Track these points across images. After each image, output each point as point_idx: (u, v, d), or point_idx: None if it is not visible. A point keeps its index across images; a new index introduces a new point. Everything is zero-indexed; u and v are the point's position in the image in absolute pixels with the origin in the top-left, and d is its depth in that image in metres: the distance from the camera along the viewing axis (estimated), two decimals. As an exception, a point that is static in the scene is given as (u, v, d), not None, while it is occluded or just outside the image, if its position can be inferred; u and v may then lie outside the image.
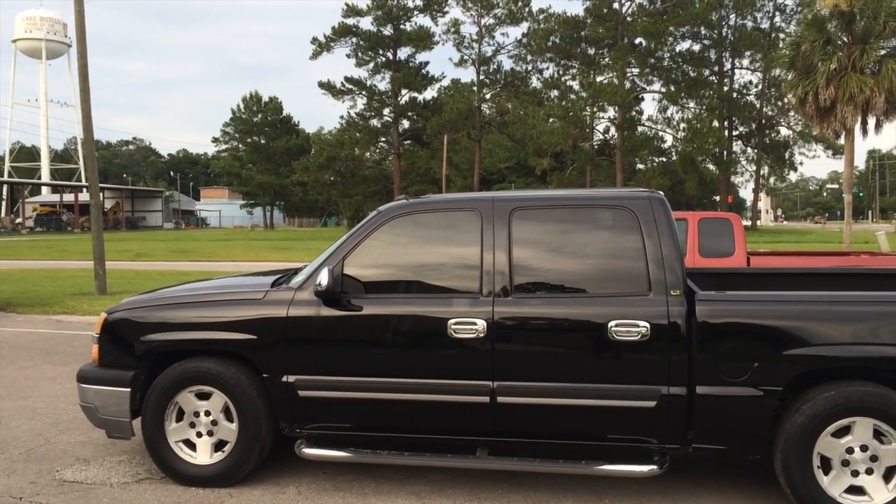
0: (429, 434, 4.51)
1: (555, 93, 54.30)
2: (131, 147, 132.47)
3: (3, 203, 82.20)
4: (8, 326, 11.54)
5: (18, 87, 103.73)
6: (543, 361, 4.28)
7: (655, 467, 4.17)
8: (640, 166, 54.15)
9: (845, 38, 21.34)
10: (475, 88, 58.77)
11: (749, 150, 58.51)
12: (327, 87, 59.47)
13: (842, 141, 23.01)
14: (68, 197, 76.11)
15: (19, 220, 70.99)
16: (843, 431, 3.97)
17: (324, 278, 4.34)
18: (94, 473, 4.91)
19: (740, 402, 4.04)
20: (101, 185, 20.84)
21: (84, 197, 65.07)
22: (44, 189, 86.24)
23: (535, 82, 57.76)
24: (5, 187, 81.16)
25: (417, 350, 4.44)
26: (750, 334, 4.09)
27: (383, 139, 62.82)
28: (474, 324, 4.26)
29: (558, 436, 4.34)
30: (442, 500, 4.43)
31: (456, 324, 4.28)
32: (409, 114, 61.78)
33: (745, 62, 56.54)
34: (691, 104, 52.11)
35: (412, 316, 4.45)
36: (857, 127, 21.49)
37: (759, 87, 56.00)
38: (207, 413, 4.67)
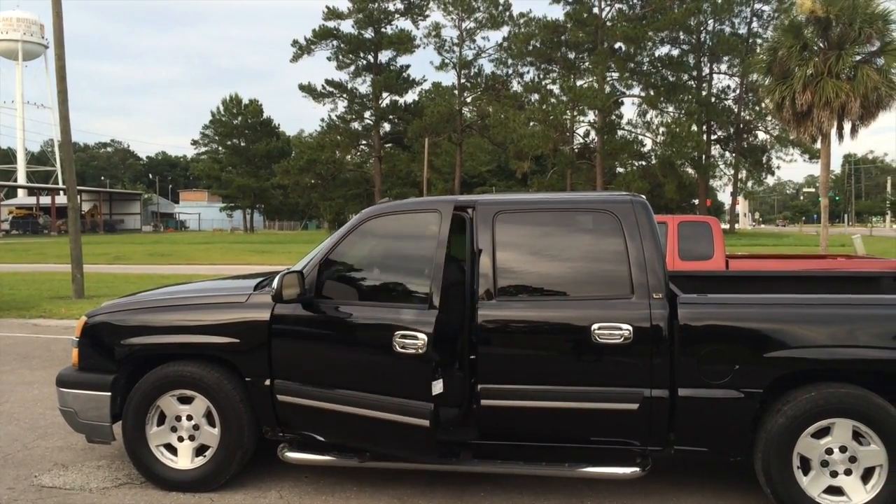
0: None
1: (535, 97, 54.56)
2: (109, 149, 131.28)
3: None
4: (-17, 331, 11.38)
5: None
6: (527, 364, 4.29)
7: (638, 469, 4.19)
8: (620, 170, 54.53)
9: (821, 44, 21.58)
10: (456, 92, 58.85)
11: (727, 154, 59.13)
12: (308, 89, 59.24)
13: (818, 145, 23.27)
14: (45, 200, 75.13)
15: (-6, 222, 70.01)
16: (823, 432, 4.02)
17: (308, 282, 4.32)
18: (73, 478, 4.85)
19: (721, 404, 4.07)
20: (78, 187, 20.60)
21: (61, 199, 64.23)
22: (20, 191, 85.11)
23: (515, 86, 57.98)
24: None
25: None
26: (731, 337, 4.12)
27: (364, 142, 62.69)
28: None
29: (541, 438, 4.35)
30: (425, 503, 4.43)
31: (440, 327, 4.27)
32: (390, 117, 61.67)
33: (723, 67, 57.27)
34: (670, 108, 52.59)
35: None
36: (833, 131, 21.71)
37: (737, 91, 56.64)
38: (189, 417, 4.64)
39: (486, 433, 4.37)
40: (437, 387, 4.11)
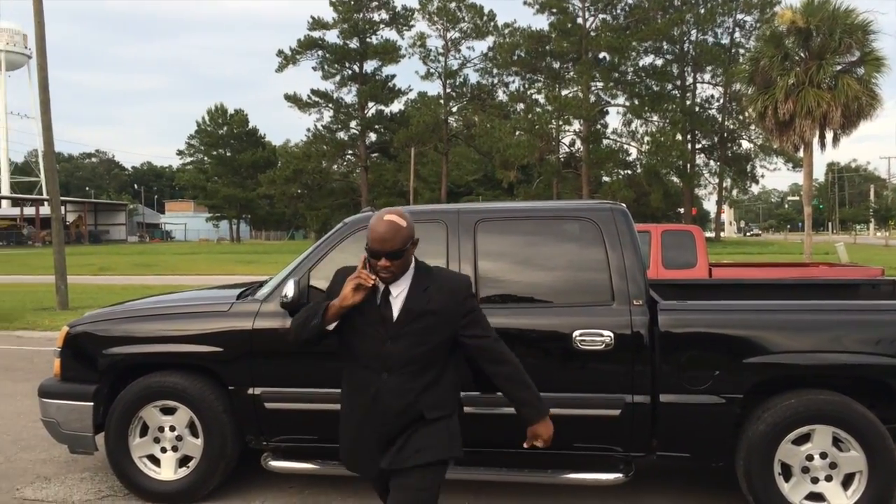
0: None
1: (521, 106, 54.93)
2: (94, 160, 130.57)
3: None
4: (-35, 343, 11.28)
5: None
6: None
7: (621, 475, 4.21)
8: (606, 179, 54.87)
9: (802, 54, 21.82)
10: (442, 101, 59.10)
11: (712, 162, 59.57)
12: (294, 99, 59.34)
13: (801, 154, 23.50)
14: (29, 210, 74.55)
15: (-23, 234, 69.42)
16: (803, 439, 4.05)
17: (290, 290, 4.31)
18: (56, 491, 4.82)
19: (702, 410, 4.10)
20: (62, 198, 20.49)
21: (45, 210, 63.71)
22: (3, 202, 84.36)
23: (501, 96, 58.42)
24: (-37, 201, 79.41)
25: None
26: (710, 343, 4.16)
27: (350, 152, 62.79)
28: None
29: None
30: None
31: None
32: (376, 126, 61.89)
33: (707, 77, 57.82)
34: (655, 118, 52.99)
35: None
36: (815, 140, 21.92)
37: (721, 101, 57.16)
38: (172, 428, 4.62)
39: (470, 440, 4.36)
40: None
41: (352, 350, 2.86)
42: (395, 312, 2.78)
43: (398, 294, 2.80)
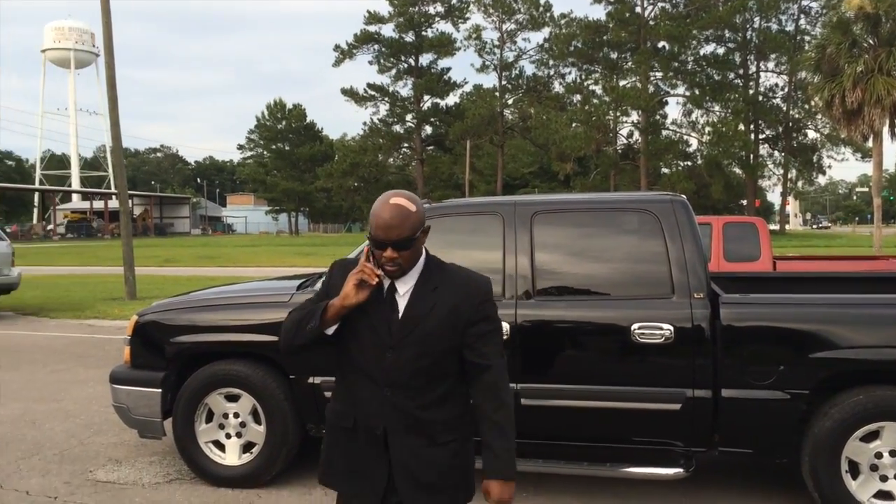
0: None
1: (577, 97, 54.38)
2: (159, 155, 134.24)
3: (35, 210, 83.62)
4: (41, 331, 11.75)
5: (48, 97, 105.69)
6: (567, 364, 4.30)
7: (681, 470, 4.15)
8: (665, 170, 53.92)
9: (871, 41, 21.14)
10: (497, 94, 58.92)
11: (776, 153, 57.99)
12: (350, 93, 59.90)
13: (870, 143, 22.76)
14: (98, 204, 77.18)
15: (51, 226, 72.19)
16: (872, 436, 3.93)
17: None
18: (126, 474, 5.00)
19: (766, 406, 4.02)
20: (129, 192, 21.12)
21: (113, 204, 65.96)
22: (74, 196, 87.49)
23: (557, 87, 57.94)
24: (37, 195, 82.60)
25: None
26: (774, 337, 4.07)
27: (406, 145, 63.13)
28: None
29: (582, 438, 4.35)
30: (467, 501, 4.45)
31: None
32: (432, 119, 62.04)
33: (771, 65, 56.18)
34: (716, 107, 51.85)
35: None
36: (886, 129, 21.25)
37: (786, 89, 55.54)
38: (236, 415, 4.74)
39: (527, 432, 4.38)
40: None
41: (350, 359, 2.44)
42: (401, 315, 2.34)
43: (405, 292, 2.35)
